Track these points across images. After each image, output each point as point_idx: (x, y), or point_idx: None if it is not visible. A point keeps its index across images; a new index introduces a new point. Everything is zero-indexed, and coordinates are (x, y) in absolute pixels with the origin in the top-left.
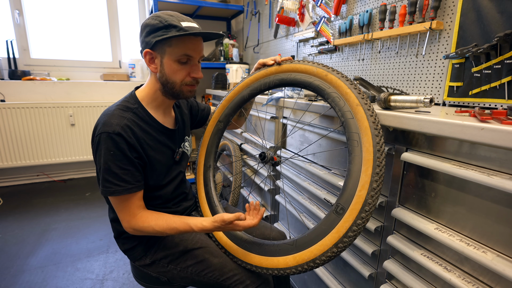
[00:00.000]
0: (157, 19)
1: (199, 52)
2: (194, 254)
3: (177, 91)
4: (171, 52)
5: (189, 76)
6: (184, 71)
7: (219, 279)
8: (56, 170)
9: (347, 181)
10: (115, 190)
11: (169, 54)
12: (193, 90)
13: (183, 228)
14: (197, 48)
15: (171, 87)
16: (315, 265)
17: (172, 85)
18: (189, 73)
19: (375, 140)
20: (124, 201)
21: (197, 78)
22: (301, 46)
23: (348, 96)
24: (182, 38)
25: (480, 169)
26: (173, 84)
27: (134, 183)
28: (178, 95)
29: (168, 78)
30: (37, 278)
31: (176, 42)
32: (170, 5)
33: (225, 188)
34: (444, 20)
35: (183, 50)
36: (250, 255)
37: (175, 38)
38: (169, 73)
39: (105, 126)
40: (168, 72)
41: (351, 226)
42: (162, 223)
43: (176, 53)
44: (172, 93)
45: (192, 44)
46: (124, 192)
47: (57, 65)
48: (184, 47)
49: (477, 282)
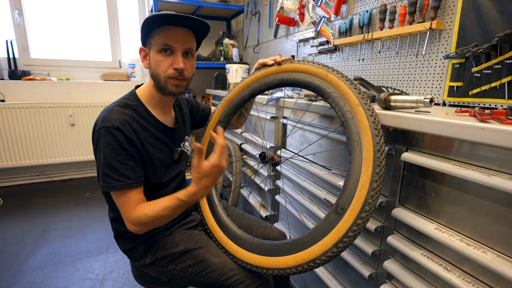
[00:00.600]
0: (148, 18)
1: (181, 42)
2: (194, 254)
3: (162, 85)
4: (154, 43)
5: (171, 68)
6: (166, 62)
7: (219, 279)
8: (56, 170)
9: (347, 181)
10: (115, 185)
11: (153, 46)
12: (179, 85)
13: (172, 203)
14: (178, 38)
15: (157, 80)
16: (315, 265)
17: (158, 79)
18: (171, 64)
19: (375, 140)
20: (125, 196)
21: (179, 70)
22: (301, 46)
23: (348, 96)
24: (161, 29)
25: (480, 169)
26: (158, 77)
27: (135, 178)
28: (163, 89)
29: (154, 71)
30: (37, 278)
31: (157, 33)
32: (170, 5)
33: (225, 188)
34: (444, 20)
35: (162, 39)
36: (250, 255)
37: (156, 30)
38: (154, 66)
39: (104, 121)
40: (153, 65)
41: (351, 226)
42: (153, 206)
43: (157, 44)
44: (159, 88)
45: (172, 33)
46: (124, 187)
47: (57, 65)
48: (163, 37)
49: (477, 282)
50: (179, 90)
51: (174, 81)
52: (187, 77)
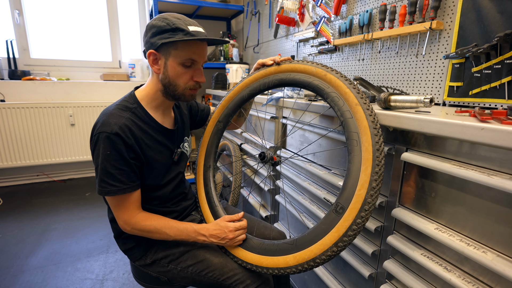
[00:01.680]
0: (164, 21)
1: (204, 56)
2: (194, 254)
3: (179, 94)
4: (176, 55)
5: (192, 80)
6: (188, 74)
7: (220, 278)
8: (56, 170)
9: (347, 180)
10: (110, 190)
11: (174, 57)
12: (195, 94)
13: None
14: (202, 52)
15: (173, 89)
16: (315, 264)
17: (174, 88)
18: (192, 77)
19: (374, 139)
20: (120, 200)
21: (200, 83)
22: (301, 46)
23: (347, 96)
24: (188, 42)
25: (480, 169)
26: (176, 87)
27: (129, 183)
28: (179, 98)
29: (172, 80)
30: (37, 278)
31: (182, 46)
32: (170, 5)
33: (225, 188)
34: (444, 20)
35: (188, 54)
36: (250, 255)
37: (182, 42)
38: (172, 76)
39: (103, 126)
40: (172, 74)
41: (351, 225)
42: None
43: (181, 57)
44: (174, 96)
45: (197, 48)
46: (119, 192)
47: (57, 65)
48: (190, 51)
49: (477, 282)
50: (194, 98)
51: (192, 92)
52: (201, 85)
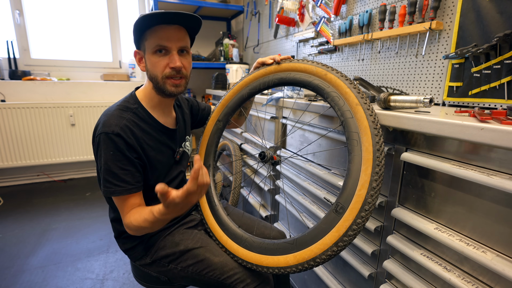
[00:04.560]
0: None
1: (175, 41)
2: (194, 254)
3: (161, 86)
4: (148, 45)
5: (168, 67)
6: (163, 62)
7: (220, 278)
8: (56, 170)
9: (347, 180)
10: (115, 191)
11: (147, 48)
12: (178, 84)
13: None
14: (171, 37)
15: (155, 82)
16: (315, 264)
17: (155, 80)
18: (167, 64)
19: (374, 139)
20: (125, 201)
21: (176, 68)
22: (301, 46)
23: (348, 96)
24: (153, 29)
25: (480, 169)
26: (156, 79)
27: (134, 183)
28: (162, 90)
29: (151, 73)
30: (38, 278)
31: (150, 34)
32: (170, 5)
33: (225, 188)
34: (443, 20)
35: (155, 40)
36: (250, 254)
37: (148, 31)
38: (150, 68)
39: (104, 127)
40: (150, 67)
41: (351, 225)
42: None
43: (151, 45)
44: (158, 89)
45: (164, 33)
46: (124, 192)
47: (57, 65)
48: (156, 38)
49: (476, 282)
50: (179, 89)
51: (172, 81)
52: (185, 74)
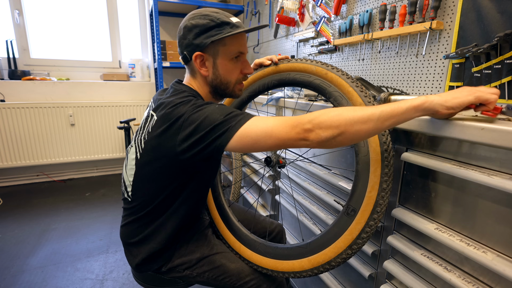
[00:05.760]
0: (207, 18)
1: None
2: (210, 260)
3: (230, 91)
4: (226, 51)
5: (241, 73)
6: (238, 69)
7: (236, 284)
8: (56, 170)
9: (356, 182)
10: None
11: (223, 53)
12: (242, 88)
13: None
14: (246, 43)
15: (224, 88)
16: (330, 267)
17: (226, 86)
18: (241, 70)
19: (381, 139)
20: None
21: (248, 74)
22: (301, 46)
23: (351, 95)
24: (235, 35)
25: (480, 169)
26: (228, 85)
27: None
28: (230, 95)
29: (223, 79)
30: (37, 278)
31: (230, 40)
32: (170, 5)
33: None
34: (444, 20)
35: (237, 47)
36: (265, 260)
37: (229, 38)
38: (224, 74)
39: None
40: (223, 73)
41: (364, 228)
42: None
43: (231, 52)
44: (224, 94)
45: (243, 40)
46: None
47: (57, 65)
48: (238, 44)
49: (477, 282)
50: (242, 92)
51: (240, 86)
52: None
